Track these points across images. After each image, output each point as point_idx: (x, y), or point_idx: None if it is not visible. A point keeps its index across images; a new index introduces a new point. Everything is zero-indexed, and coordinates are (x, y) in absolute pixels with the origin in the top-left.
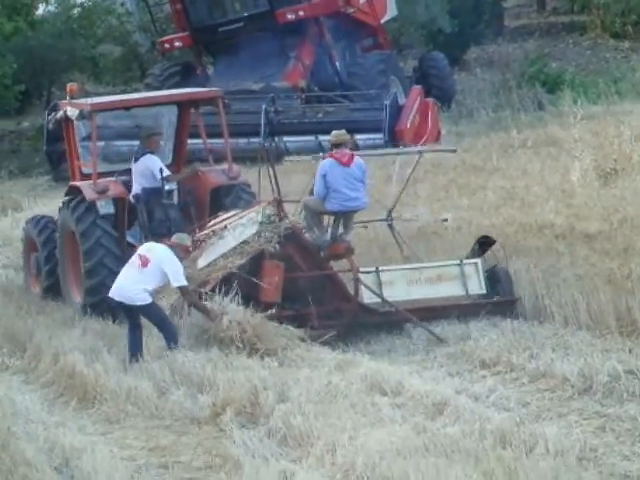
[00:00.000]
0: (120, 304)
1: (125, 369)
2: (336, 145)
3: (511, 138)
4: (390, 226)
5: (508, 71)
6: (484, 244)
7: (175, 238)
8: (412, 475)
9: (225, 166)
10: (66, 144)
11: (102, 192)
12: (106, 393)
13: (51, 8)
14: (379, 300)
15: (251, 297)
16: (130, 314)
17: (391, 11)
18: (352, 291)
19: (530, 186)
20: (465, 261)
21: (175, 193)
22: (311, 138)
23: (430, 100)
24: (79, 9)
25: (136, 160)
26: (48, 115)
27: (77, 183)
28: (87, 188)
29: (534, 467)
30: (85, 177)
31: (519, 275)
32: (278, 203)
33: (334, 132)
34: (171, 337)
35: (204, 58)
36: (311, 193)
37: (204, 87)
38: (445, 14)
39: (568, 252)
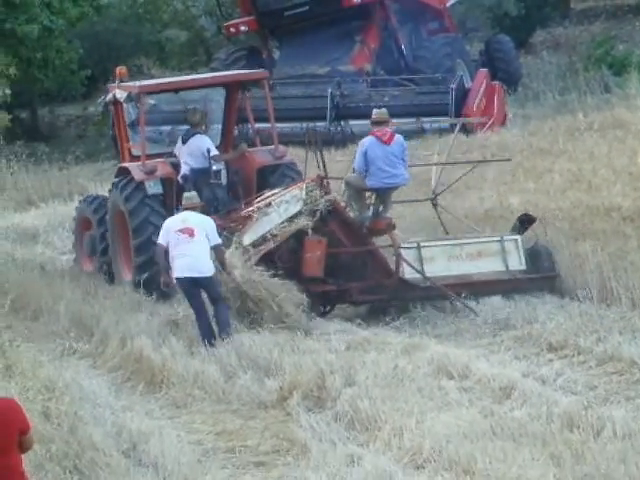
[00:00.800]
0: (192, 280)
1: (192, 353)
2: (377, 123)
3: (577, 121)
4: (434, 205)
5: (574, 54)
6: (525, 221)
7: (185, 201)
8: (479, 459)
9: (272, 147)
10: (116, 126)
11: (150, 172)
12: (173, 377)
13: None
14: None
15: (294, 271)
16: (197, 292)
17: None
18: (393, 266)
19: (597, 169)
20: (505, 237)
21: (223, 173)
22: None
23: (496, 83)
24: None
25: (184, 141)
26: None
27: (126, 164)
28: (135, 169)
29: (601, 450)
30: (135, 159)
31: (586, 258)
32: (321, 180)
33: (375, 110)
34: (224, 317)
35: (270, 42)
36: (353, 171)
37: (270, 71)
38: None
39: (635, 235)
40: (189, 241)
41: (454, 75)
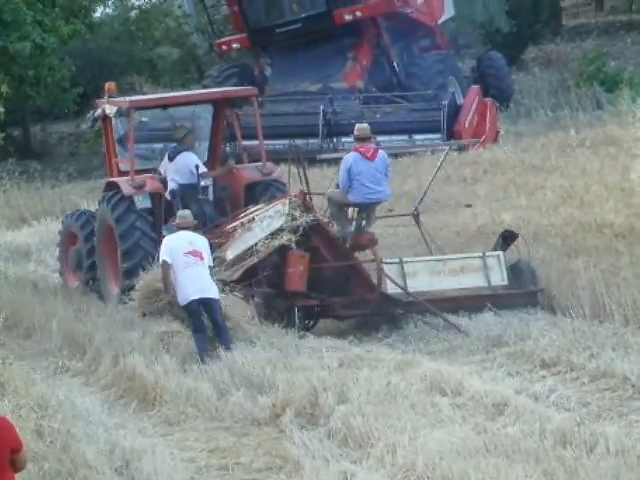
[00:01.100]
0: (202, 302)
1: (185, 371)
2: (360, 139)
3: (570, 137)
4: (416, 220)
5: (566, 70)
6: (507, 238)
7: (179, 220)
8: (472, 475)
9: (259, 163)
10: (104, 141)
11: (139, 187)
12: (166, 395)
13: (109, 11)
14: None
15: (277, 286)
16: (201, 312)
17: (448, 11)
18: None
19: (589, 185)
20: (488, 253)
21: (210, 189)
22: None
23: (488, 100)
24: (137, 12)
25: (171, 159)
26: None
27: (115, 179)
28: (124, 183)
29: (595, 467)
30: (122, 174)
31: (578, 275)
32: (304, 196)
33: (358, 126)
34: (228, 335)
35: (262, 59)
36: (337, 187)
37: (262, 88)
38: (503, 14)
39: (628, 251)
40: (200, 264)
41: (446, 92)
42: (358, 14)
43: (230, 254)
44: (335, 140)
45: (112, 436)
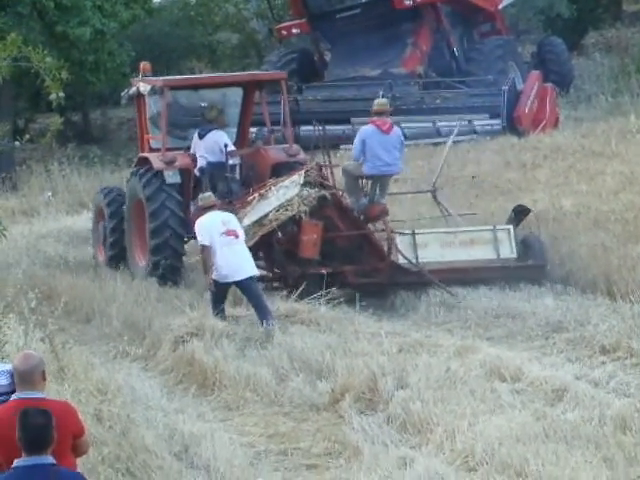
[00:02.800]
0: (238, 283)
1: (244, 356)
2: (378, 113)
3: (630, 123)
4: (434, 196)
5: (627, 55)
6: (520, 212)
7: (202, 202)
8: (532, 461)
9: (286, 145)
10: (137, 119)
11: (169, 163)
12: (225, 380)
13: None
14: (414, 260)
15: (291, 253)
16: (227, 293)
17: None
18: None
19: None
20: (498, 226)
21: (238, 168)
22: (429, 124)
23: (548, 85)
24: None
25: (201, 136)
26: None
27: (146, 154)
28: (155, 159)
29: None
30: (153, 151)
31: (638, 260)
32: (320, 168)
33: (376, 101)
34: (268, 311)
35: (321, 45)
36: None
37: (322, 74)
38: None
39: None
40: (236, 242)
41: (506, 77)
42: None
43: (246, 221)
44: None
45: (171, 421)
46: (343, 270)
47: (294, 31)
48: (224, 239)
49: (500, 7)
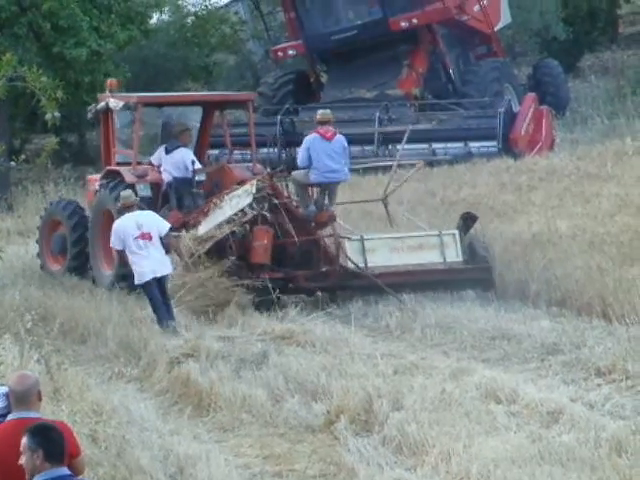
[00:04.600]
0: (157, 280)
1: (239, 377)
2: (321, 123)
3: (626, 145)
4: (385, 205)
5: (623, 78)
6: (468, 219)
7: (123, 200)
8: None
9: (250, 164)
10: (102, 133)
11: (141, 176)
12: (220, 401)
13: (165, 17)
14: (363, 265)
15: (243, 259)
16: (156, 290)
17: (505, 18)
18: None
19: None
20: (444, 232)
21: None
22: (425, 146)
23: (544, 108)
24: (193, 18)
25: (168, 151)
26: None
27: (117, 167)
28: (127, 172)
29: None
30: (119, 165)
31: (634, 283)
32: (270, 177)
33: (320, 111)
34: (172, 309)
35: (317, 66)
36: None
37: (318, 95)
38: (559, 21)
39: None
40: (150, 245)
41: (502, 99)
42: (414, 21)
43: (201, 229)
44: (390, 147)
45: (166, 442)
46: (295, 275)
47: (290, 53)
48: (137, 243)
49: (496, 29)
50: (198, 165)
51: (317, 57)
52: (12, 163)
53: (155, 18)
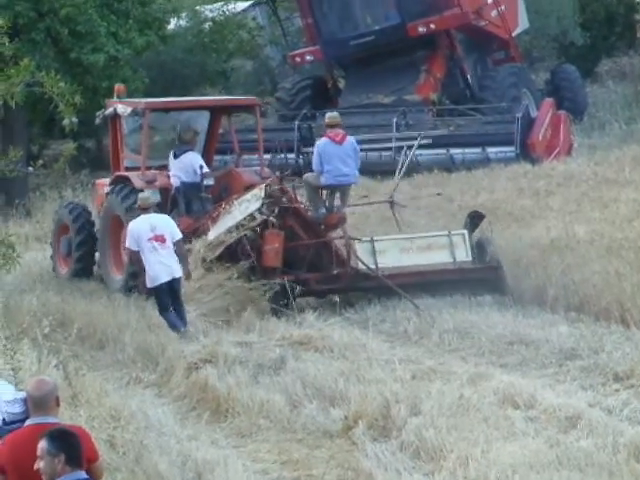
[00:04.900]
0: (169, 284)
1: (257, 382)
2: (330, 126)
3: None
4: (391, 205)
5: None
6: (475, 218)
7: (141, 202)
8: None
9: (258, 168)
10: (111, 139)
11: (150, 182)
12: (238, 406)
13: (182, 22)
14: (373, 266)
15: (255, 262)
16: (167, 294)
17: (523, 24)
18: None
19: None
20: (453, 232)
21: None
22: (442, 151)
23: (562, 113)
24: (210, 23)
25: (176, 156)
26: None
27: (125, 173)
28: (136, 178)
29: None
30: (128, 170)
31: None
32: (280, 180)
33: (328, 114)
34: (184, 314)
35: (335, 72)
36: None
37: (336, 101)
38: (577, 26)
39: None
40: (163, 247)
41: (520, 104)
42: (432, 27)
43: (212, 235)
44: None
45: (184, 447)
46: (306, 278)
47: (308, 58)
48: (150, 245)
49: (514, 34)
50: (206, 169)
51: (335, 62)
52: (30, 169)
53: (173, 24)
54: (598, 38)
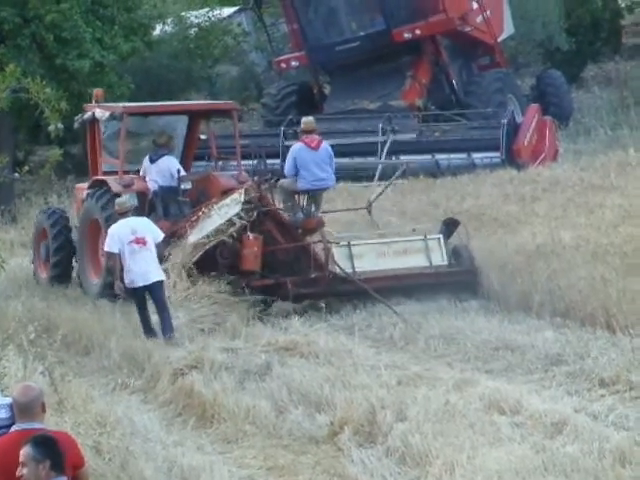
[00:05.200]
0: (146, 287)
1: (243, 388)
2: (306, 132)
3: (629, 156)
4: (369, 212)
5: (626, 89)
6: (450, 224)
7: (118, 207)
8: None
9: (236, 172)
10: (89, 143)
11: (127, 186)
12: (224, 412)
13: (168, 28)
14: (350, 270)
15: (234, 266)
16: (145, 295)
17: (508, 29)
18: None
19: None
20: (429, 236)
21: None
22: (428, 157)
23: (547, 118)
24: (196, 29)
25: (152, 160)
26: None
27: (103, 177)
28: (113, 182)
29: None
30: (105, 174)
31: (638, 294)
32: (258, 185)
33: (304, 119)
34: (169, 320)
35: (320, 77)
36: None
37: (321, 106)
38: (562, 32)
39: None
40: (144, 250)
41: (505, 110)
42: (417, 32)
43: (191, 239)
44: (394, 158)
45: (170, 453)
46: (284, 281)
47: (293, 64)
48: (131, 247)
49: (499, 40)
50: (183, 172)
51: (320, 68)
52: (16, 175)
53: (158, 29)
54: (584, 43)
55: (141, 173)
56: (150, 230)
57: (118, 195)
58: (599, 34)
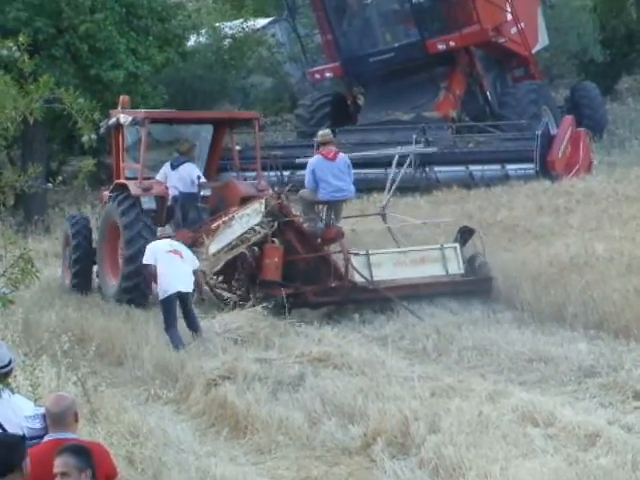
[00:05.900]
0: (179, 294)
1: (276, 399)
2: (323, 144)
3: None
4: (383, 218)
5: None
6: (465, 232)
7: (159, 232)
8: None
9: (255, 180)
10: (114, 148)
11: (146, 189)
12: (257, 423)
13: (202, 39)
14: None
15: (255, 276)
16: (175, 307)
17: (542, 41)
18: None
19: None
20: (445, 245)
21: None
22: (462, 168)
23: (582, 130)
24: (230, 40)
25: (174, 167)
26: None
27: (124, 181)
28: (133, 185)
29: None
30: (129, 179)
31: None
32: (278, 196)
33: (320, 132)
34: (198, 324)
35: (354, 88)
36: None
37: (355, 117)
38: (597, 44)
39: None
40: (180, 260)
41: (539, 122)
42: (451, 44)
43: (212, 249)
44: (427, 169)
45: (203, 464)
46: (304, 290)
47: (327, 75)
48: (168, 256)
49: (533, 51)
50: (203, 179)
51: (354, 79)
52: (49, 185)
53: (192, 40)
54: (618, 55)
55: (157, 177)
56: (188, 252)
57: (137, 199)
58: (634, 46)
